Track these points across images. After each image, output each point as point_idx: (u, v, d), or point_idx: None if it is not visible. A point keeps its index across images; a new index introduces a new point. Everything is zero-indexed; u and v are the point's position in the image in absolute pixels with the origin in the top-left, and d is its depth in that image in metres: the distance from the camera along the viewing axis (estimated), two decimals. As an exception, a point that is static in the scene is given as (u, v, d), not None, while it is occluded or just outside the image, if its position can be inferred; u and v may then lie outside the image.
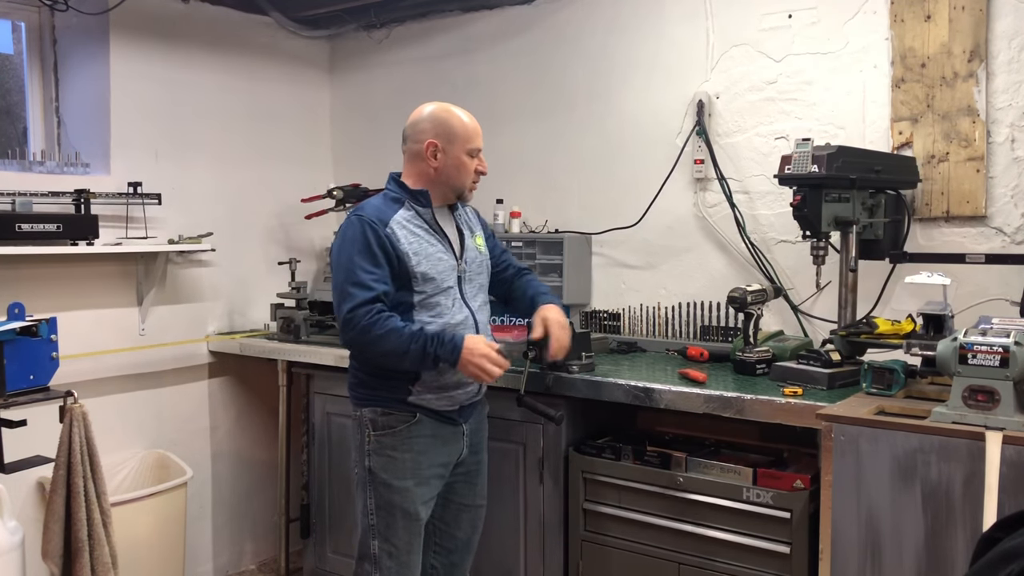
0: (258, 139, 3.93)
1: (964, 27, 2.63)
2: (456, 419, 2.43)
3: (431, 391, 2.37)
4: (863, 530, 2.03)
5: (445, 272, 2.36)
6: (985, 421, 1.88)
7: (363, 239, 2.28)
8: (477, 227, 2.57)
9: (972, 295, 2.57)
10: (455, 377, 2.36)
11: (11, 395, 2.45)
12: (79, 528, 2.60)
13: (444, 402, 2.39)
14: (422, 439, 2.37)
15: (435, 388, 2.37)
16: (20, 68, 3.51)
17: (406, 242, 2.31)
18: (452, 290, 2.39)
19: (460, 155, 2.40)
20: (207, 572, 3.80)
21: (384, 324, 2.24)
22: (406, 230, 2.33)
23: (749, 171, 3.06)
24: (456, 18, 3.78)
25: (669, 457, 2.54)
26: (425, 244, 2.35)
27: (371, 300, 2.24)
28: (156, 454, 3.52)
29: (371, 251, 2.27)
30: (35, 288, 3.14)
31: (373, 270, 2.26)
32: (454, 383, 2.38)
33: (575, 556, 2.71)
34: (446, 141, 2.39)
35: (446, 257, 2.39)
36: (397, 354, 2.25)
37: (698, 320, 3.16)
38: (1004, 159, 2.61)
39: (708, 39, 3.14)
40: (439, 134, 2.40)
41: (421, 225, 2.37)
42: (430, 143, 2.39)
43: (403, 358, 2.25)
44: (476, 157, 2.43)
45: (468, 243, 2.48)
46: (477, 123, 2.45)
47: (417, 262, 2.31)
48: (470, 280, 2.45)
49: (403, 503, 2.36)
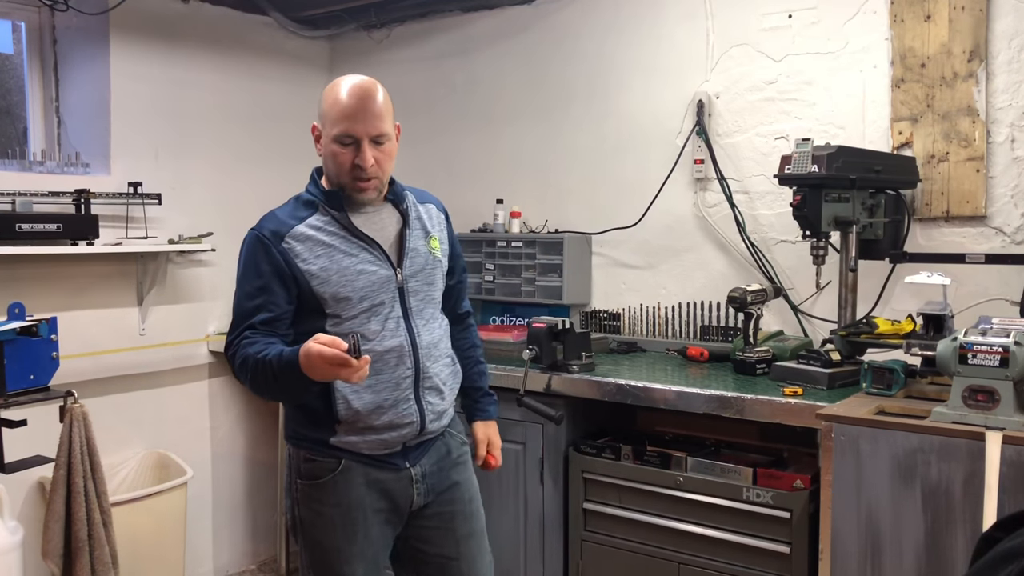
0: (258, 139, 3.93)
1: (964, 27, 2.63)
2: (398, 463, 1.99)
3: (355, 432, 1.94)
4: (863, 530, 2.03)
5: (371, 288, 1.92)
6: (985, 421, 1.89)
7: (251, 259, 1.93)
8: (436, 227, 2.10)
9: (972, 295, 2.57)
10: (380, 417, 1.93)
11: (11, 395, 2.45)
12: (79, 528, 2.60)
13: (375, 445, 1.95)
14: (353, 489, 1.95)
15: (359, 429, 1.93)
16: (20, 68, 3.50)
17: (309, 258, 1.90)
18: (383, 308, 1.94)
19: (328, 142, 1.93)
20: (207, 572, 3.80)
21: (240, 355, 1.85)
22: (312, 241, 1.91)
23: (749, 171, 3.06)
24: (456, 18, 3.78)
25: (669, 457, 2.54)
26: (338, 256, 1.91)
27: (242, 331, 1.88)
28: (156, 454, 3.52)
29: (257, 272, 1.91)
30: (35, 288, 3.14)
31: (256, 294, 1.89)
32: (384, 423, 1.93)
33: (575, 556, 2.71)
34: (321, 123, 1.96)
35: (373, 268, 1.93)
36: (265, 390, 1.87)
37: (698, 320, 3.16)
38: (1004, 159, 2.62)
39: (708, 39, 3.14)
40: (319, 113, 1.97)
41: (336, 232, 1.94)
42: (314, 126, 2.00)
43: (275, 393, 1.92)
44: (351, 146, 1.90)
45: (413, 245, 2.01)
46: (364, 99, 1.90)
47: (322, 280, 1.89)
48: (415, 292, 2.00)
49: (337, 565, 1.98)
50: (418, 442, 2.01)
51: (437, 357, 2.03)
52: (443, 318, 2.11)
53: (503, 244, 3.47)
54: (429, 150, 3.86)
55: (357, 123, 1.88)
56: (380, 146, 1.92)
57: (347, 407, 1.91)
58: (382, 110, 1.92)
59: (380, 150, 1.92)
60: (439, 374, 2.03)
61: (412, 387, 1.97)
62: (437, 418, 2.02)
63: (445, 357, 2.08)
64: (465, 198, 3.69)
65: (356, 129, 1.89)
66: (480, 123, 3.75)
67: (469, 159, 3.79)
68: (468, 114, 3.77)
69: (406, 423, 1.96)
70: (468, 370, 2.19)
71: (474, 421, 2.23)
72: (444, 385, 2.05)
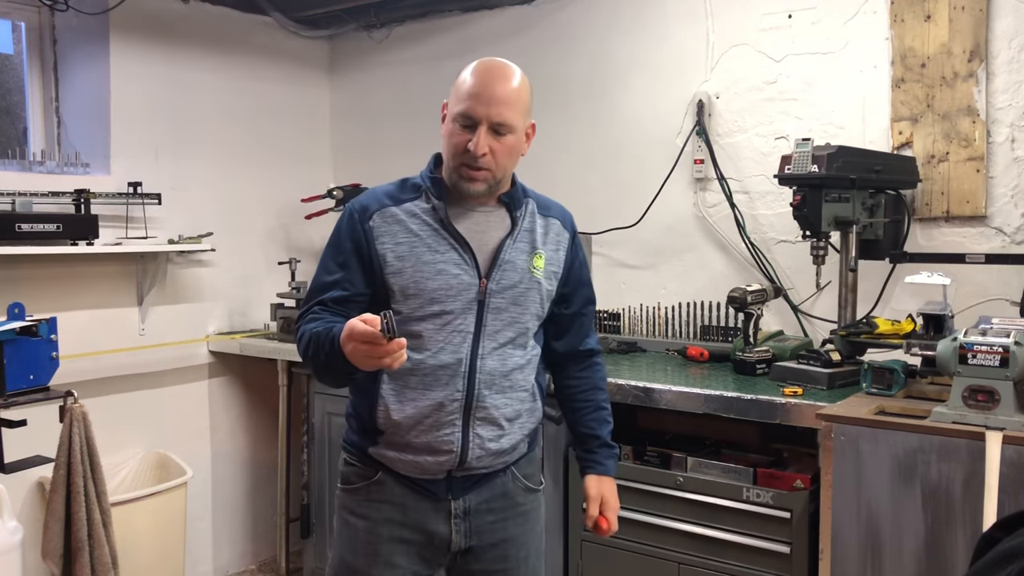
0: (258, 139, 3.93)
1: (964, 27, 2.63)
2: (437, 492, 1.79)
3: (394, 447, 1.77)
4: (863, 530, 2.03)
5: (445, 292, 1.72)
6: (985, 421, 1.89)
7: (338, 232, 1.79)
8: (551, 244, 1.85)
9: (972, 295, 2.57)
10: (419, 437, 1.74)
11: (11, 395, 2.45)
12: (79, 528, 2.60)
13: (412, 467, 1.77)
14: (384, 505, 1.79)
15: (398, 444, 1.76)
16: (20, 68, 3.50)
17: (389, 243, 1.74)
18: (453, 318, 1.73)
19: (449, 121, 1.76)
20: (207, 572, 3.80)
21: (301, 330, 1.73)
22: (400, 227, 1.74)
23: (749, 171, 3.06)
24: (456, 18, 3.78)
25: (669, 457, 2.54)
26: (421, 249, 1.73)
27: (312, 306, 1.76)
28: (156, 454, 3.52)
29: (340, 247, 1.77)
30: (35, 288, 3.14)
31: (335, 270, 1.76)
32: (422, 444, 1.74)
33: (575, 556, 2.71)
34: (450, 101, 1.77)
35: (455, 272, 1.73)
36: (316, 369, 1.72)
37: (698, 320, 3.16)
38: (1004, 159, 2.61)
39: (708, 39, 3.14)
40: (451, 91, 1.77)
41: (429, 223, 1.75)
42: (445, 104, 1.80)
43: (323, 373, 1.72)
44: (468, 128, 1.71)
45: (509, 257, 1.77)
46: (494, 81, 1.71)
47: (396, 270, 1.72)
48: (498, 310, 1.76)
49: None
50: (465, 475, 1.78)
51: (504, 388, 1.78)
52: (532, 347, 1.84)
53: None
54: (429, 150, 3.82)
55: (479, 104, 1.69)
56: (500, 136, 1.71)
57: (387, 417, 1.75)
58: (512, 97, 1.72)
59: (499, 140, 1.71)
60: (500, 407, 1.77)
61: (460, 412, 1.74)
62: (488, 455, 1.77)
63: (519, 390, 1.81)
64: (465, 198, 3.69)
65: (477, 110, 1.69)
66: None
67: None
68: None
69: (444, 450, 1.74)
70: (586, 415, 1.96)
71: (587, 475, 1.94)
72: (506, 421, 1.79)
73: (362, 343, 1.50)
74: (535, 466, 1.91)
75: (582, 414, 1.96)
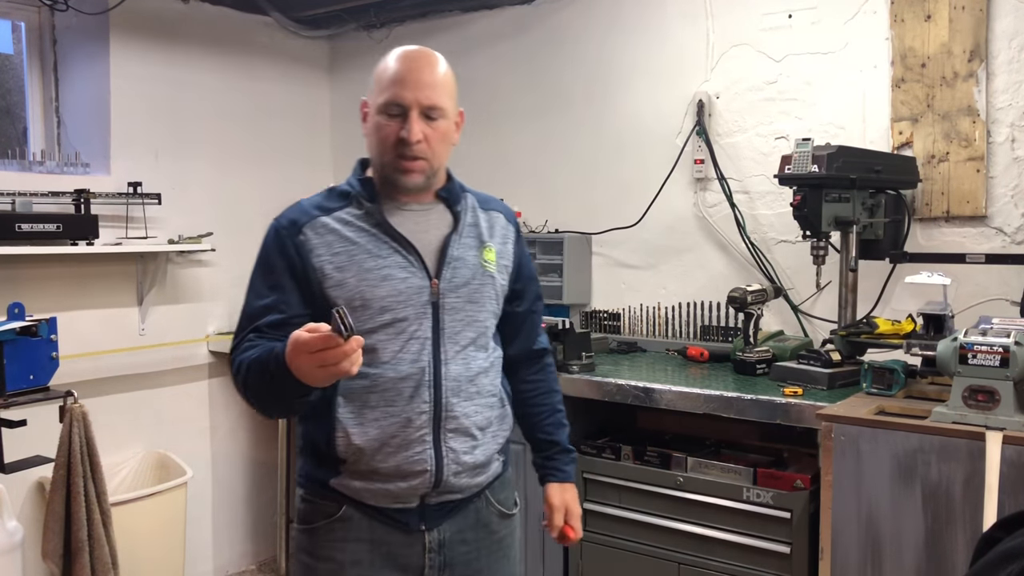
0: (258, 139, 3.93)
1: (964, 27, 2.63)
2: (409, 522, 1.63)
3: (359, 476, 1.61)
4: (863, 530, 2.03)
5: (395, 298, 1.59)
6: (985, 421, 1.88)
7: (266, 252, 1.65)
8: (498, 239, 1.74)
9: (972, 295, 2.57)
10: (387, 460, 1.58)
11: (11, 395, 2.45)
12: (79, 528, 2.60)
13: (381, 496, 1.61)
14: (351, 544, 1.62)
15: (363, 472, 1.60)
16: (20, 68, 3.50)
17: (325, 254, 1.59)
18: (407, 325, 1.59)
19: (373, 114, 1.63)
20: (207, 572, 3.80)
21: (238, 361, 1.56)
22: (334, 236, 1.61)
23: (749, 171, 3.06)
24: (456, 18, 3.78)
25: (669, 457, 2.54)
26: (362, 256, 1.59)
27: (246, 335, 1.59)
28: (156, 454, 3.52)
29: (269, 267, 1.63)
30: (35, 288, 3.14)
31: (266, 293, 1.61)
32: (391, 468, 1.58)
33: (575, 556, 2.71)
34: (370, 96, 1.66)
35: (402, 275, 1.60)
36: (260, 397, 1.55)
37: (698, 320, 3.16)
38: (1004, 159, 2.61)
39: (708, 39, 3.14)
40: (369, 87, 1.66)
41: (366, 229, 1.62)
42: (363, 102, 1.68)
43: (269, 400, 1.55)
44: (397, 117, 1.59)
45: (458, 253, 1.66)
46: (419, 64, 1.63)
47: (337, 283, 1.58)
48: (454, 310, 1.64)
49: None
50: (440, 501, 1.64)
51: (471, 394, 1.65)
52: (494, 349, 1.73)
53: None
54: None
55: (407, 89, 1.58)
56: (432, 122, 1.61)
57: (347, 443, 1.59)
58: (440, 80, 1.63)
59: (432, 126, 1.61)
60: (470, 414, 1.64)
61: (430, 426, 1.60)
62: (464, 471, 1.63)
63: (487, 396, 1.68)
64: (465, 198, 3.69)
65: (405, 96, 1.58)
66: (480, 123, 3.74)
67: (469, 159, 3.76)
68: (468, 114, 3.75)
69: (417, 471, 1.59)
70: (542, 420, 1.84)
71: (547, 483, 1.84)
72: (478, 430, 1.66)
73: (314, 352, 1.32)
74: (509, 489, 1.79)
75: (539, 419, 1.86)
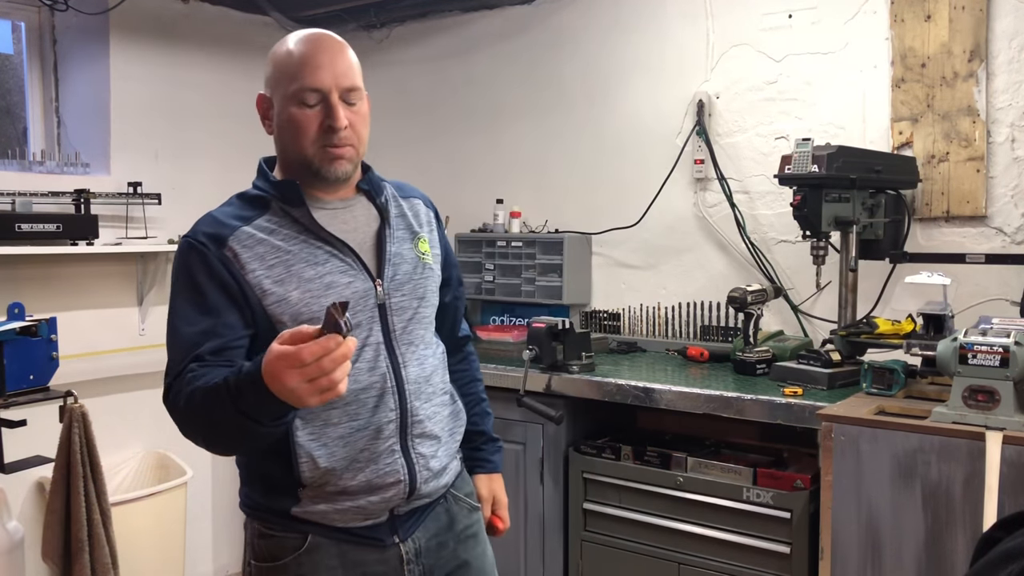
0: (258, 139, 3.88)
1: (964, 27, 2.63)
2: (382, 538, 1.53)
3: (324, 498, 1.48)
4: (863, 530, 2.03)
5: None
6: (985, 421, 1.88)
7: (185, 274, 1.47)
8: (425, 227, 1.66)
9: (972, 295, 2.57)
10: (356, 476, 1.48)
11: (11, 395, 2.45)
12: (79, 528, 2.60)
13: (351, 515, 1.50)
14: (323, 574, 1.51)
15: (329, 494, 1.48)
16: (20, 68, 3.50)
17: (259, 269, 1.45)
18: (359, 332, 1.49)
19: (284, 108, 1.49)
20: (207, 572, 3.80)
21: (184, 396, 1.39)
22: (265, 246, 1.47)
23: (749, 171, 3.06)
24: (456, 18, 3.78)
25: (669, 457, 2.54)
26: (300, 266, 1.47)
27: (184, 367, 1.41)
28: (156, 454, 3.52)
29: (197, 290, 1.45)
30: (35, 288, 3.14)
31: (199, 319, 1.43)
32: (361, 485, 1.48)
33: (575, 556, 2.71)
34: (270, 89, 1.52)
35: (346, 280, 1.49)
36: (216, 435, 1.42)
37: (698, 320, 3.16)
38: (1004, 159, 2.61)
39: (708, 39, 3.14)
40: (267, 79, 1.53)
41: (295, 235, 1.49)
42: (260, 97, 1.55)
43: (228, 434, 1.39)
44: (316, 106, 1.47)
45: (396, 249, 1.57)
46: (327, 45, 1.50)
47: (279, 298, 1.44)
48: (401, 309, 1.54)
49: None
50: (409, 509, 1.55)
51: (430, 395, 1.58)
52: (438, 343, 1.66)
53: (503, 244, 3.47)
54: (429, 150, 3.87)
55: (322, 72, 1.46)
56: (353, 106, 1.50)
57: (312, 466, 1.46)
58: (351, 60, 1.52)
59: (353, 111, 1.50)
60: (432, 416, 1.57)
61: (397, 435, 1.51)
62: (434, 476, 1.56)
63: (442, 394, 1.62)
64: (465, 198, 3.69)
65: (323, 80, 1.46)
66: (480, 123, 3.75)
67: (469, 159, 3.79)
68: (468, 114, 3.77)
69: (390, 483, 1.49)
70: (469, 410, 1.75)
71: (475, 474, 1.78)
72: (442, 431, 1.60)
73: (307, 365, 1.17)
74: (468, 482, 1.72)
75: (466, 409, 1.76)
